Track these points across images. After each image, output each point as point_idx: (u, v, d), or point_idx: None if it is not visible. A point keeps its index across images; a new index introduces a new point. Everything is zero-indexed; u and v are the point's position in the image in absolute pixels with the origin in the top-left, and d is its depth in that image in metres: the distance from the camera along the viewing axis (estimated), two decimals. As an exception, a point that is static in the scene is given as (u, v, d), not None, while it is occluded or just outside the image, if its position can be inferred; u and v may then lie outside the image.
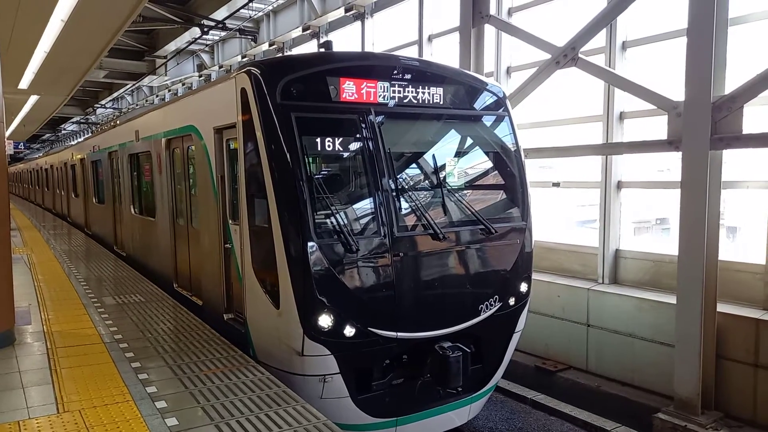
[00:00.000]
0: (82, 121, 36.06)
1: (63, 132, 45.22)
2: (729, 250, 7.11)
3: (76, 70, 14.52)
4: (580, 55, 7.62)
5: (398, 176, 5.57)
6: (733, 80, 6.33)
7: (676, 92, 6.57)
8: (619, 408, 7.22)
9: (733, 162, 6.75)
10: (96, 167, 13.87)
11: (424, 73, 5.89)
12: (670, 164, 7.96)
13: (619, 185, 8.22)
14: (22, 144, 37.52)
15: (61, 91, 17.67)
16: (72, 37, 10.82)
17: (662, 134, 6.73)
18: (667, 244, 7.98)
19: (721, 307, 6.54)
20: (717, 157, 6.33)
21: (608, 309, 7.84)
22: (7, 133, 24.98)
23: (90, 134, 21.85)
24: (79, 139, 28.51)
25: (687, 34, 6.39)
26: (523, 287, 6.18)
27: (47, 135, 48.38)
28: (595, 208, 8.45)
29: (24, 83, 15.27)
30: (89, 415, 4.09)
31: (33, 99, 19.04)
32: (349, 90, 5.37)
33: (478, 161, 6.37)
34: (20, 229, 16.23)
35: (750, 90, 5.96)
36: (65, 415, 4.11)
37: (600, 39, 7.96)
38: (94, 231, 14.72)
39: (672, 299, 6.79)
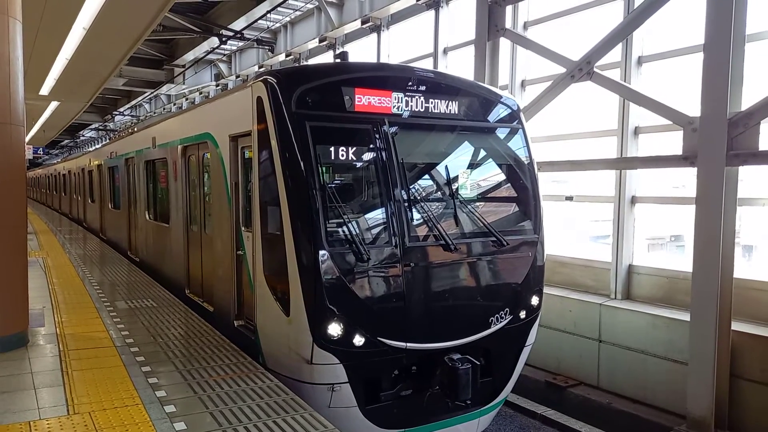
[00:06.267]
0: (100, 127, 36.66)
1: (81, 138, 45.94)
2: (744, 269, 7.01)
3: (96, 77, 14.82)
4: (595, 70, 7.62)
5: (411, 187, 5.57)
6: (750, 96, 6.29)
7: (692, 107, 6.54)
8: (631, 426, 7.13)
9: (750, 179, 6.68)
10: (113, 173, 14.04)
11: (439, 85, 5.91)
12: (685, 180, 7.91)
13: (633, 200, 8.18)
14: (41, 149, 38.13)
15: (81, 97, 18.01)
16: (93, 45, 11.06)
17: (677, 149, 6.70)
18: (681, 261, 7.90)
19: (736, 326, 6.45)
20: (733, 174, 6.28)
21: (621, 325, 7.76)
22: (27, 139, 25.42)
23: (108, 141, 22.14)
24: (97, 146, 28.89)
25: (704, 49, 6.37)
26: (535, 301, 6.14)
27: (66, 141, 49.17)
28: (609, 224, 8.40)
29: (45, 89, 15.59)
30: (99, 418, 4.12)
31: (53, 105, 19.42)
32: (364, 100, 5.39)
33: (491, 173, 6.36)
34: (37, 233, 16.45)
35: (767, 106, 5.92)
36: (75, 417, 4.14)
37: (615, 53, 7.96)
38: (109, 236, 14.87)
39: (686, 316, 6.71)
